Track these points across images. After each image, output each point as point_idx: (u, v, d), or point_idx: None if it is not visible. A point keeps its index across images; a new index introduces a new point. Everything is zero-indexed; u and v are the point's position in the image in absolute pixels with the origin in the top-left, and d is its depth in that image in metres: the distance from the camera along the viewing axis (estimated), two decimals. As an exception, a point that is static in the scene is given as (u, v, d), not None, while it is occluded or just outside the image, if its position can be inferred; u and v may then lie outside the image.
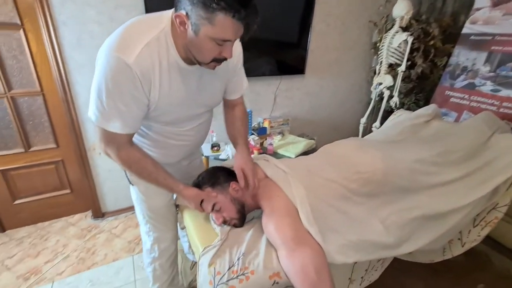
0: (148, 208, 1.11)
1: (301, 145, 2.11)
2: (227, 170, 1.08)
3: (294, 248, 0.81)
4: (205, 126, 1.08)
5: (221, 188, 0.99)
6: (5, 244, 1.85)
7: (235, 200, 0.98)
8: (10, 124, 1.75)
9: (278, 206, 0.91)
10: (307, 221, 0.87)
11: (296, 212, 0.90)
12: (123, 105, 0.75)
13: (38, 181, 1.95)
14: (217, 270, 0.80)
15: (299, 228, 0.86)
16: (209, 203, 0.96)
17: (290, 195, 0.93)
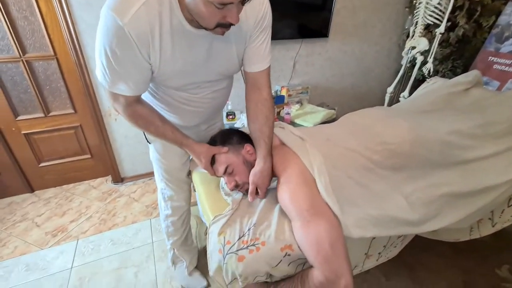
0: (163, 167, 1.11)
1: (320, 115, 2.00)
2: (242, 132, 1.02)
3: (309, 219, 0.76)
4: (223, 93, 1.00)
5: (234, 149, 0.94)
6: (34, 203, 1.98)
7: (249, 164, 0.92)
8: (28, 88, 1.77)
9: (294, 174, 0.84)
10: (325, 191, 0.81)
11: (313, 182, 0.84)
12: (122, 68, 0.71)
13: (59, 145, 2.01)
14: (227, 239, 0.78)
15: (316, 199, 0.80)
16: (220, 164, 0.91)
17: (307, 163, 0.86)
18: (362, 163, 0.96)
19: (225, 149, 0.93)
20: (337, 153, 0.95)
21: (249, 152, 0.93)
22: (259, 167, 0.88)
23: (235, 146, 0.94)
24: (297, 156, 0.89)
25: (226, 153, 0.92)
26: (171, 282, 1.39)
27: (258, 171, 0.88)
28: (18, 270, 1.47)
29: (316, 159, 0.88)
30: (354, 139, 1.02)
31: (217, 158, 0.92)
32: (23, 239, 1.66)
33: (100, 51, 0.69)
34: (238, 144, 0.95)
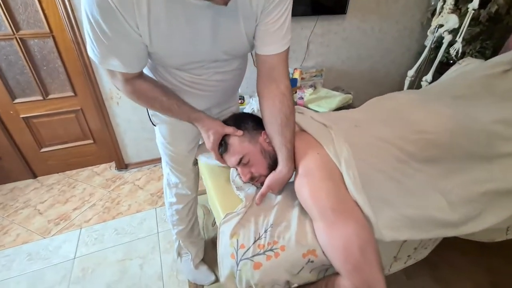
0: (168, 153, 1.02)
1: (336, 100, 1.85)
2: (257, 117, 0.88)
3: (335, 221, 0.65)
4: (234, 75, 0.87)
5: (250, 136, 0.81)
6: (37, 189, 1.92)
7: (266, 153, 0.80)
8: (24, 69, 1.65)
9: (316, 166, 0.72)
10: (354, 187, 0.69)
11: (339, 176, 0.72)
12: (109, 41, 0.59)
13: (60, 130, 1.92)
14: (241, 242, 0.67)
15: (342, 196, 0.69)
16: (234, 154, 0.79)
17: (332, 154, 0.74)
18: (395, 155, 0.84)
19: (240, 132, 0.80)
20: (366, 143, 0.83)
21: (266, 140, 0.81)
22: (281, 175, 0.76)
23: (251, 132, 0.81)
24: (319, 145, 0.77)
25: (241, 140, 0.80)
26: (178, 276, 1.32)
27: (280, 179, 0.77)
28: (20, 260, 1.42)
29: (343, 149, 0.75)
30: (385, 126, 0.89)
31: (231, 146, 0.80)
32: (25, 227, 1.61)
33: (85, 23, 0.58)
34: (254, 130, 0.82)
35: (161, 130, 0.98)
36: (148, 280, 1.30)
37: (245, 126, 0.82)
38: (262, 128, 0.84)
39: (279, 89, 0.77)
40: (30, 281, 1.31)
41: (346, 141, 0.78)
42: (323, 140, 0.78)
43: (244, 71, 0.93)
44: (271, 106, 0.77)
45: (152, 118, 0.97)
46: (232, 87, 0.93)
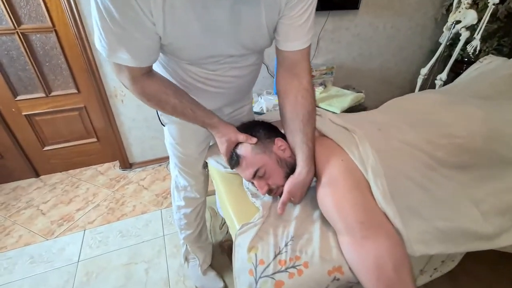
0: (177, 155, 0.97)
1: (348, 99, 1.77)
2: (267, 124, 0.83)
3: (365, 235, 0.59)
4: (250, 71, 0.81)
5: (263, 146, 0.74)
6: (39, 189, 1.87)
7: (283, 162, 0.73)
8: (26, 65, 1.60)
9: (341, 174, 0.66)
10: (383, 198, 0.63)
11: (366, 184, 0.66)
12: (120, 29, 0.53)
13: (63, 128, 1.87)
14: (260, 257, 0.62)
15: (371, 207, 0.63)
16: (248, 167, 0.73)
17: (357, 161, 0.68)
18: (423, 161, 0.77)
19: (254, 139, 0.74)
20: (392, 148, 0.76)
21: (281, 148, 0.74)
22: (301, 177, 0.69)
23: (264, 141, 0.75)
24: (343, 151, 0.71)
25: (254, 151, 0.73)
26: (185, 282, 1.27)
27: (300, 182, 0.70)
28: (22, 262, 1.37)
29: (369, 155, 0.69)
30: (411, 130, 0.82)
31: (244, 159, 0.73)
32: (28, 228, 1.56)
33: (94, 10, 0.53)
34: (267, 138, 0.76)
35: (171, 131, 0.93)
36: (154, 286, 1.25)
37: (256, 135, 0.76)
38: (274, 135, 0.78)
39: (301, 84, 0.72)
40: (32, 285, 1.27)
41: (371, 146, 0.72)
42: (347, 145, 0.72)
43: (260, 66, 0.87)
44: (293, 102, 0.72)
45: (161, 117, 0.92)
46: (248, 84, 0.87)
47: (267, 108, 1.72)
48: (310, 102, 0.72)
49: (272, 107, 1.72)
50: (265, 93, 1.88)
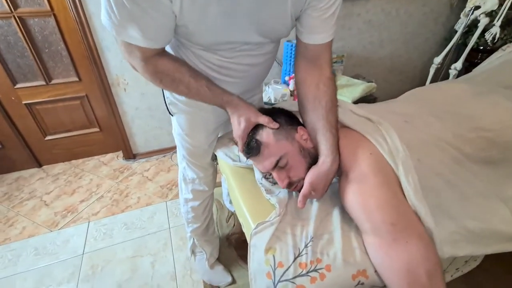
0: (185, 146, 0.92)
1: (359, 89, 1.70)
2: (289, 112, 0.76)
3: (395, 237, 0.55)
4: (265, 59, 0.75)
5: (286, 133, 0.68)
6: (42, 179, 1.84)
7: (306, 153, 0.67)
8: (25, 51, 1.53)
9: (371, 170, 0.60)
10: (415, 194, 0.59)
11: (396, 181, 0.61)
12: (134, 4, 0.47)
13: (65, 117, 1.82)
14: (278, 259, 0.57)
15: (403, 206, 0.58)
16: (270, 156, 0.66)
17: (387, 155, 0.63)
18: (452, 155, 0.72)
19: (276, 124, 0.68)
20: (420, 141, 0.71)
21: (303, 137, 0.68)
22: (325, 167, 0.63)
23: (286, 128, 0.69)
24: (370, 144, 0.66)
25: (277, 138, 0.67)
26: (192, 275, 1.25)
27: (323, 172, 0.63)
28: (26, 254, 1.35)
29: (399, 149, 0.64)
30: (437, 122, 0.77)
31: (266, 147, 0.66)
32: (31, 219, 1.54)
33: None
34: (289, 125, 0.70)
35: (179, 121, 0.88)
36: (161, 280, 1.23)
37: (277, 121, 0.69)
38: (296, 123, 0.72)
39: (323, 75, 0.68)
40: (37, 278, 1.25)
41: (399, 139, 0.66)
42: (375, 137, 0.66)
43: (275, 56, 0.81)
44: (315, 90, 0.67)
45: (169, 107, 0.87)
46: (262, 73, 0.81)
47: (275, 98, 1.65)
48: (332, 90, 0.68)
49: (280, 97, 1.66)
50: (273, 82, 1.81)
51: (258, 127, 0.69)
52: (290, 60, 1.79)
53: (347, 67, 2.16)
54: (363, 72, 2.24)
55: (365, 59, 2.25)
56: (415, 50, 2.40)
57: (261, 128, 0.68)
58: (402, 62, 2.41)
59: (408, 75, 2.52)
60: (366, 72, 2.28)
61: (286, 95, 1.67)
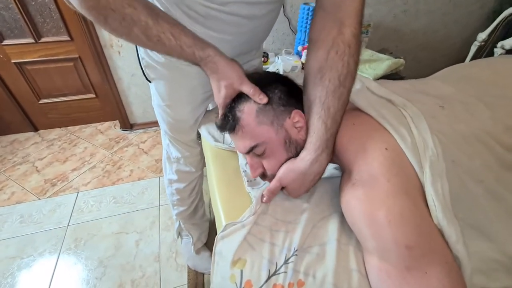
0: (168, 119, 0.78)
1: (384, 65, 1.46)
2: (291, 85, 0.56)
3: (410, 265, 0.39)
4: (268, 10, 0.57)
5: (273, 115, 0.50)
6: (37, 144, 1.78)
7: (292, 144, 0.50)
8: (9, 3, 1.39)
9: (385, 170, 0.43)
10: (443, 211, 0.42)
11: (418, 187, 0.44)
12: None
13: (58, 80, 1.71)
14: (247, 276, 0.43)
15: (424, 223, 0.41)
16: (245, 138, 0.50)
17: (410, 150, 0.45)
18: (500, 156, 0.53)
19: (265, 98, 0.49)
20: (458, 134, 0.52)
21: (297, 124, 0.50)
22: (301, 165, 0.47)
23: (276, 108, 0.50)
24: (388, 134, 0.48)
25: (259, 119, 0.50)
26: (176, 259, 1.17)
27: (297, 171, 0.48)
28: (12, 221, 1.31)
29: (429, 144, 0.46)
30: (486, 109, 0.57)
31: (241, 126, 0.50)
32: (21, 185, 1.49)
33: None
34: (282, 106, 0.51)
35: (159, 88, 0.72)
36: (144, 260, 1.15)
37: (269, 95, 0.50)
38: (294, 103, 0.52)
39: (342, 35, 0.47)
40: (19, 246, 1.20)
41: (431, 128, 0.48)
42: (395, 126, 0.48)
43: (279, 11, 0.62)
44: (321, 59, 0.48)
45: (146, 70, 0.70)
46: (262, 30, 0.63)
47: (284, 70, 1.45)
48: (347, 63, 0.46)
49: (290, 69, 1.45)
50: (284, 52, 1.59)
51: (241, 97, 0.51)
52: (306, 26, 1.55)
53: (373, 40, 1.88)
54: (391, 46, 1.95)
55: (395, 32, 1.95)
56: (456, 23, 2.05)
57: (245, 99, 0.51)
58: (438, 37, 2.08)
59: (443, 53, 2.19)
60: (394, 47, 1.99)
61: (297, 67, 1.45)
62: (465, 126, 0.53)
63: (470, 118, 0.54)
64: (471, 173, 0.48)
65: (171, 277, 1.10)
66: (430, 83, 0.68)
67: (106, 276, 1.10)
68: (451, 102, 0.57)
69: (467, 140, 0.51)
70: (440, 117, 0.53)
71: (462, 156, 0.49)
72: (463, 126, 0.53)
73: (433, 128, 0.48)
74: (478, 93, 0.61)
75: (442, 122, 0.52)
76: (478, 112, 0.56)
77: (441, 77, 0.76)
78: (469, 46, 1.96)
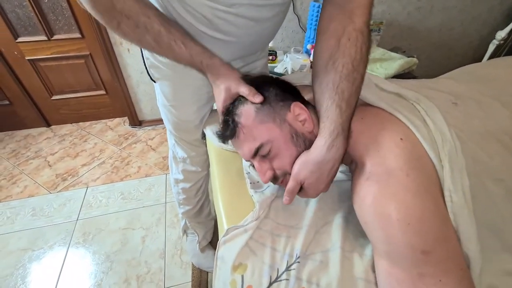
0: (173, 119, 0.78)
1: (396, 64, 1.42)
2: (284, 83, 0.56)
3: (423, 271, 0.37)
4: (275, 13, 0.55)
5: (273, 112, 0.49)
6: (49, 139, 1.82)
7: (299, 138, 0.48)
8: (23, 1, 1.41)
9: (398, 160, 0.41)
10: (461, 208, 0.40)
11: (437, 183, 0.41)
12: None
13: (70, 77, 1.74)
14: (248, 282, 0.43)
15: (444, 226, 0.39)
16: (248, 140, 0.49)
17: (427, 142, 0.42)
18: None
19: (259, 97, 0.49)
20: (475, 131, 0.50)
21: (299, 117, 0.49)
22: (318, 154, 0.45)
23: (275, 105, 0.49)
24: (402, 125, 0.45)
25: (259, 118, 0.49)
26: (181, 256, 1.17)
27: (313, 161, 0.45)
28: (24, 213, 1.35)
29: (447, 138, 0.43)
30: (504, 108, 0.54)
31: (242, 128, 0.49)
32: (34, 179, 1.53)
33: None
34: (280, 102, 0.50)
35: (163, 89, 0.72)
36: (149, 257, 1.16)
37: (264, 94, 0.50)
38: (291, 98, 0.52)
39: (353, 24, 0.45)
40: (31, 238, 1.24)
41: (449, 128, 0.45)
42: (408, 116, 0.46)
43: (286, 13, 0.60)
44: (333, 46, 0.46)
45: (150, 70, 0.70)
46: (269, 32, 0.61)
47: (292, 69, 1.43)
48: (359, 49, 0.45)
49: (298, 68, 1.43)
50: (293, 50, 1.57)
51: (239, 101, 0.51)
52: (315, 24, 1.52)
53: (385, 38, 1.83)
54: (404, 45, 1.90)
55: (408, 29, 1.89)
56: (474, 21, 1.97)
57: (242, 102, 0.50)
58: (455, 35, 2.00)
59: (458, 52, 2.11)
60: (407, 45, 1.93)
61: (305, 66, 1.43)
62: (480, 124, 0.50)
63: (485, 116, 0.51)
64: (490, 171, 0.46)
65: (175, 274, 1.11)
66: (440, 81, 0.65)
67: (113, 271, 1.12)
68: (463, 99, 0.55)
69: (485, 138, 0.48)
70: (454, 112, 0.50)
71: (481, 153, 0.46)
72: (478, 123, 0.50)
73: (449, 122, 0.46)
74: (494, 92, 0.58)
75: (456, 117, 0.49)
76: (493, 110, 0.53)
77: (453, 76, 0.73)
78: (487, 45, 1.88)
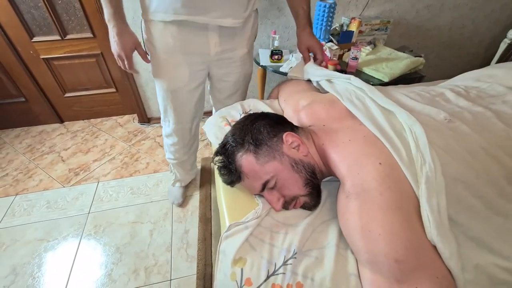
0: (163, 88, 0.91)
1: (402, 64, 1.41)
2: (270, 116, 0.61)
3: (400, 279, 0.40)
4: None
5: (270, 150, 0.54)
6: (62, 135, 1.89)
7: (299, 165, 0.53)
8: (38, 2, 1.47)
9: (375, 183, 0.45)
10: (437, 227, 0.42)
11: (413, 201, 0.45)
12: None
13: (82, 75, 1.80)
14: (247, 275, 0.46)
15: (415, 238, 0.42)
16: (256, 179, 0.53)
17: (405, 164, 0.46)
18: (505, 174, 0.52)
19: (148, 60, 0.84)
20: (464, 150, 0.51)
21: (292, 145, 0.54)
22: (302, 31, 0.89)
23: (270, 143, 0.54)
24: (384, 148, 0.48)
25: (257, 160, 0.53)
26: (187, 250, 1.22)
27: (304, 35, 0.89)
28: (39, 206, 1.42)
29: (426, 158, 0.46)
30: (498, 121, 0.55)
31: (246, 175, 0.54)
32: (48, 173, 1.60)
33: None
34: (273, 137, 0.55)
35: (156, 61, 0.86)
36: (157, 249, 1.21)
37: (259, 138, 0.54)
38: (281, 129, 0.57)
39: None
40: (46, 229, 1.30)
41: (431, 143, 0.47)
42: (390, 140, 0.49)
43: None
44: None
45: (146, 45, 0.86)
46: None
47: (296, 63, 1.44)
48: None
49: (304, 67, 1.44)
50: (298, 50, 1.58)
51: (234, 152, 0.55)
52: (322, 24, 1.53)
53: (392, 37, 1.83)
54: (412, 44, 1.88)
55: (417, 28, 1.87)
56: (485, 19, 1.94)
57: (239, 152, 0.54)
58: (464, 33, 1.97)
59: (468, 52, 2.08)
60: (416, 44, 1.91)
61: (311, 65, 1.44)
62: (472, 140, 0.51)
63: (481, 130, 0.53)
64: (473, 188, 0.48)
65: (181, 266, 1.16)
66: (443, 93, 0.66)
67: (122, 262, 1.17)
68: (461, 115, 0.56)
69: (474, 155, 0.50)
70: (444, 131, 0.52)
71: (466, 171, 0.48)
72: (471, 139, 0.52)
73: (434, 143, 0.48)
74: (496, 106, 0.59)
75: (446, 136, 0.51)
76: (489, 123, 0.54)
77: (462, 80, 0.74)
78: (498, 44, 1.86)
